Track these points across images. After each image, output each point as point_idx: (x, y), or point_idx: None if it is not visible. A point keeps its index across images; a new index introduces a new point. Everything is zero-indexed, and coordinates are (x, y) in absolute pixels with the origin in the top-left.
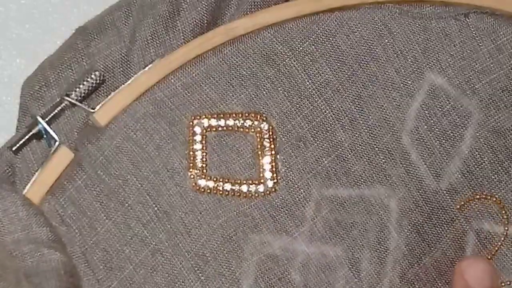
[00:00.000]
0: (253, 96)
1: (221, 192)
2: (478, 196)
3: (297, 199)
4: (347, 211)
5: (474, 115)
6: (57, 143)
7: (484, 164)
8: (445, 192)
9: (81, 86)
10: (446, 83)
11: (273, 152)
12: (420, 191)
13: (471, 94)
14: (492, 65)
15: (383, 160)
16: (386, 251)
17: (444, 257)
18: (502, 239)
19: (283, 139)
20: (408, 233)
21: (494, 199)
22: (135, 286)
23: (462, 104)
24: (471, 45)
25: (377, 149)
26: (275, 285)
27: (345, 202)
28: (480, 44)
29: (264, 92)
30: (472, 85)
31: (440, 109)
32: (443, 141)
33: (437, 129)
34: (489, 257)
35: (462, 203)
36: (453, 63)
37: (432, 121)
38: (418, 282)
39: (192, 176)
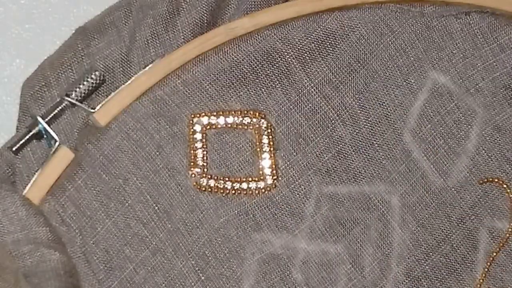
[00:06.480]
0: (252, 93)
1: (222, 191)
2: (488, 193)
3: (297, 195)
4: (347, 208)
5: (479, 113)
6: (57, 143)
7: (491, 162)
8: (453, 189)
9: (81, 86)
10: (449, 81)
11: (271, 149)
12: (425, 188)
13: (475, 92)
14: (495, 64)
15: (383, 157)
16: (390, 247)
17: (454, 253)
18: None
19: (283, 136)
20: (413, 228)
21: (504, 196)
22: (135, 286)
23: (466, 102)
24: (473, 43)
25: (376, 145)
26: (277, 285)
27: (344, 199)
28: (483, 43)
29: (263, 89)
30: (476, 83)
31: (444, 108)
32: (448, 139)
33: (441, 128)
34: (502, 253)
35: (472, 200)
36: (456, 62)
37: (436, 119)
38: (426, 280)
39: (193, 175)
